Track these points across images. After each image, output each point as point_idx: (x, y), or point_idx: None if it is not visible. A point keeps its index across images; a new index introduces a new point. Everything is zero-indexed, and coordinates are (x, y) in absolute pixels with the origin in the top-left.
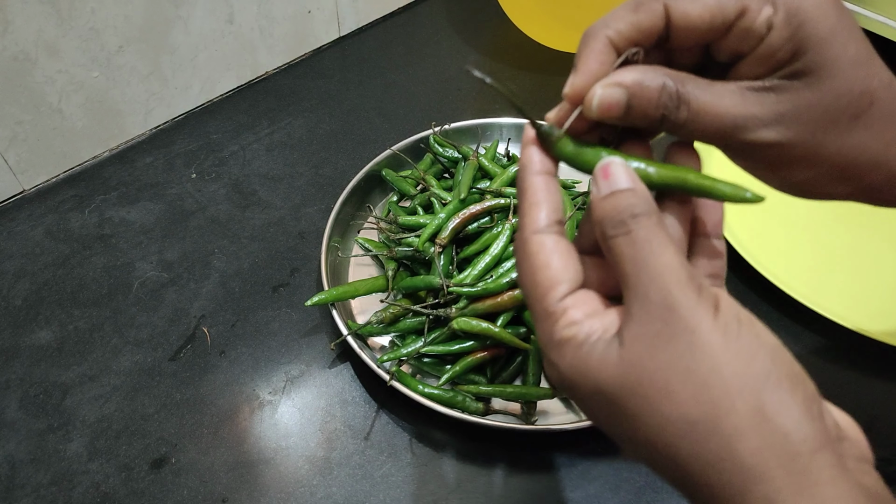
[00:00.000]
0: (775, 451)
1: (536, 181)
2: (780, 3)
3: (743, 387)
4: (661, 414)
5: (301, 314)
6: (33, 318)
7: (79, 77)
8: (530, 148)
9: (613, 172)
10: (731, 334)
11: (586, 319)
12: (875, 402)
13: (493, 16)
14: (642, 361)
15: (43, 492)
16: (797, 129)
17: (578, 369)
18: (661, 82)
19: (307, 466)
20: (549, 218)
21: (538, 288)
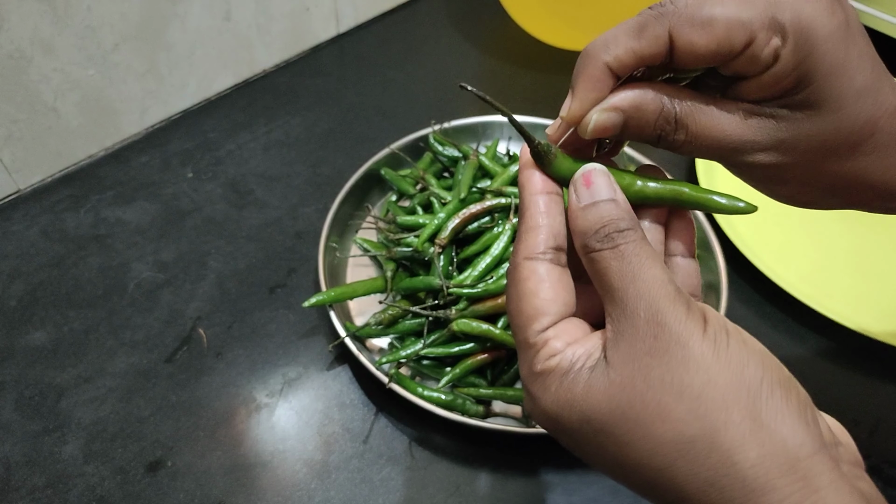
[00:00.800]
0: (775, 459)
1: (536, 202)
2: (791, 33)
3: (737, 397)
4: (654, 436)
5: (298, 315)
6: (28, 318)
7: (74, 75)
8: (527, 168)
9: (595, 181)
10: (721, 345)
11: (568, 348)
12: (880, 404)
13: (493, 13)
14: (633, 381)
15: (38, 494)
16: (794, 155)
17: (563, 400)
18: (658, 105)
19: (305, 470)
20: (545, 244)
21: (521, 316)
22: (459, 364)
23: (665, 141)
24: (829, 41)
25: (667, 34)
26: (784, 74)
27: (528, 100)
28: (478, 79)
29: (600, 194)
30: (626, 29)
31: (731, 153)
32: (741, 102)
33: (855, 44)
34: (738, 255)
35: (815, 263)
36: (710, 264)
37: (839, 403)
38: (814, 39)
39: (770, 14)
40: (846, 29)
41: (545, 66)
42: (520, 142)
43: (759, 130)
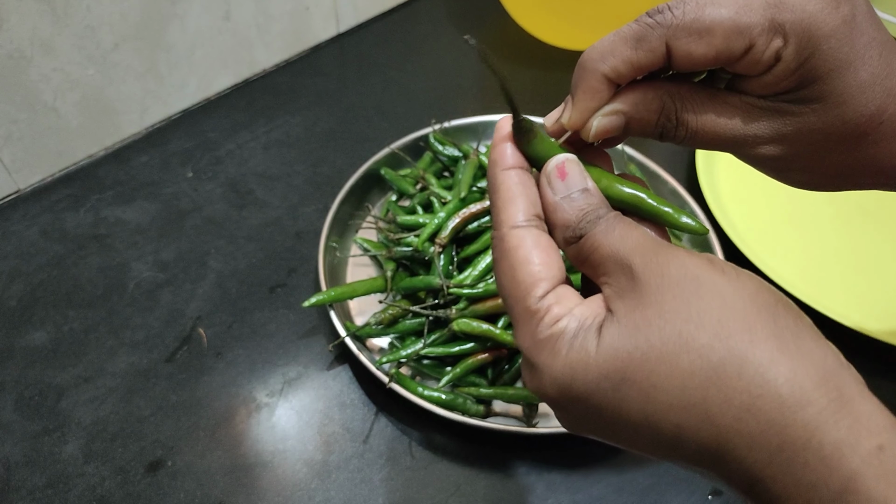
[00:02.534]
0: (807, 372)
1: (511, 176)
2: (792, 33)
3: (758, 317)
4: (681, 370)
5: (298, 315)
6: (28, 318)
7: (74, 75)
8: (503, 141)
9: (570, 172)
10: (731, 275)
11: (572, 311)
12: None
13: (493, 12)
14: (649, 321)
15: (38, 494)
16: (799, 147)
17: (576, 361)
18: (659, 104)
19: (305, 470)
20: (527, 213)
21: (519, 287)
22: (460, 364)
23: (667, 137)
24: (833, 38)
25: (664, 45)
26: (786, 74)
27: (528, 99)
28: (478, 78)
29: (576, 184)
30: (622, 38)
31: (735, 146)
32: (744, 96)
33: (861, 35)
34: (738, 254)
35: (815, 262)
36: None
37: None
38: (816, 38)
39: (770, 16)
40: (851, 22)
41: (545, 66)
42: None
43: (763, 125)
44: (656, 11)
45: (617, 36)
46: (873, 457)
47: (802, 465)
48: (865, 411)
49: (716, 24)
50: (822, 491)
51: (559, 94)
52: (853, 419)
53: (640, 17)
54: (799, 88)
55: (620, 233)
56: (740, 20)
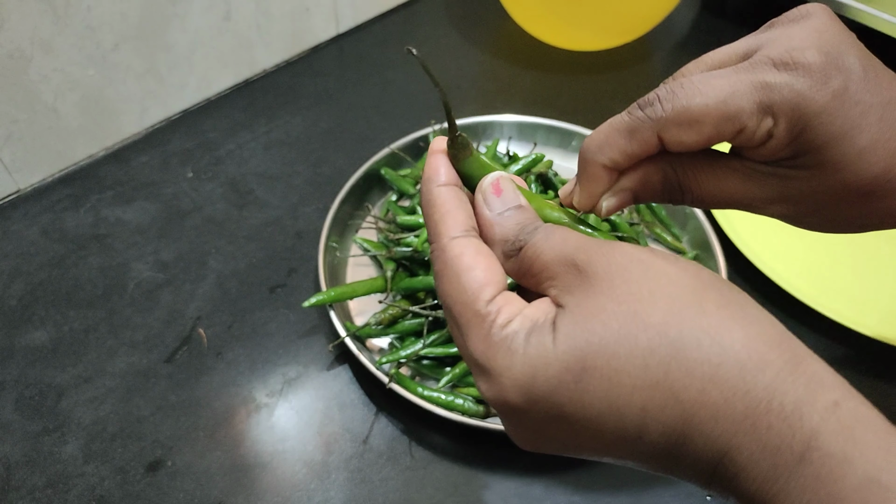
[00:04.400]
0: (761, 335)
1: (446, 192)
2: (781, 113)
3: (706, 290)
4: (640, 348)
5: (298, 315)
6: (28, 318)
7: (74, 75)
8: (438, 157)
9: (504, 189)
10: (671, 258)
11: (523, 310)
12: (880, 404)
13: (493, 13)
14: (601, 308)
15: (38, 494)
16: (806, 206)
17: (535, 357)
18: (661, 176)
19: (305, 470)
20: (465, 224)
21: (466, 292)
22: (459, 364)
23: (675, 202)
24: (824, 113)
25: (655, 136)
26: (780, 147)
27: (528, 100)
28: (478, 79)
29: (511, 201)
30: (616, 131)
31: (741, 207)
32: (745, 161)
33: (856, 105)
34: (738, 254)
35: (816, 263)
36: (710, 264)
37: None
38: (806, 115)
39: (758, 99)
40: (843, 95)
41: (545, 66)
42: (521, 142)
43: (766, 188)
44: (647, 104)
45: (611, 128)
46: (830, 413)
47: (766, 428)
48: (818, 370)
49: (704, 115)
50: (785, 454)
51: (559, 95)
52: (808, 377)
53: (632, 109)
54: (795, 157)
55: (561, 236)
56: (729, 108)
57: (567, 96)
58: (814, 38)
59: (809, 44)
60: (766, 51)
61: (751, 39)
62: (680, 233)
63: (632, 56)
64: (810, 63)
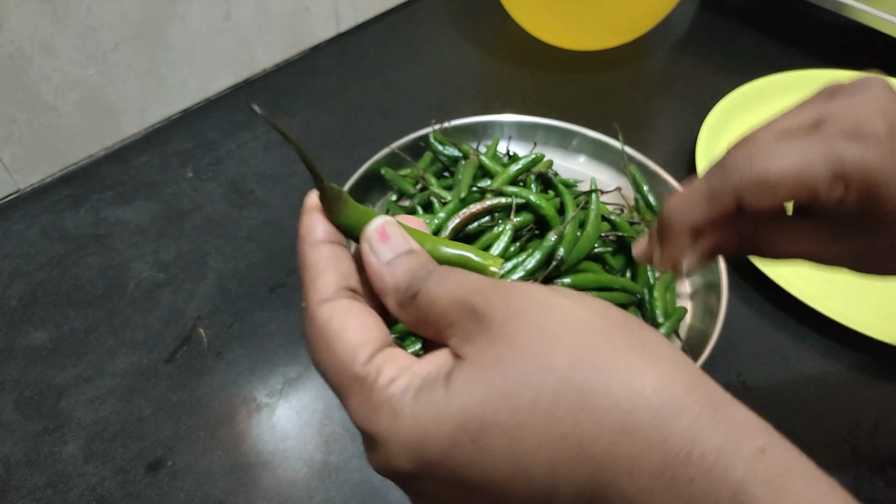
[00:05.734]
0: (675, 378)
1: (320, 250)
2: (853, 182)
3: (613, 331)
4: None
5: (299, 315)
6: (28, 318)
7: (74, 75)
8: (310, 214)
9: (391, 234)
10: (575, 297)
11: (410, 367)
12: (880, 404)
13: (493, 12)
14: (501, 357)
15: (38, 494)
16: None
17: (425, 417)
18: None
19: (305, 470)
20: (336, 284)
21: (339, 358)
22: None
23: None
24: (893, 180)
25: (734, 200)
26: (849, 213)
27: (528, 100)
28: (478, 79)
29: (400, 245)
30: (698, 196)
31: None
32: (817, 221)
33: None
34: None
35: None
36: (710, 264)
37: (840, 404)
38: (878, 184)
39: (832, 167)
40: None
41: (545, 66)
42: (520, 142)
43: (834, 245)
44: (725, 170)
45: (692, 193)
46: (756, 461)
47: (688, 482)
48: (739, 414)
49: (780, 181)
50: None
51: (559, 95)
52: (729, 422)
53: (710, 176)
54: (864, 219)
55: (456, 279)
56: (804, 176)
57: (567, 96)
58: (878, 108)
59: (875, 114)
60: (836, 121)
61: (817, 108)
62: None
63: (632, 55)
64: (878, 133)
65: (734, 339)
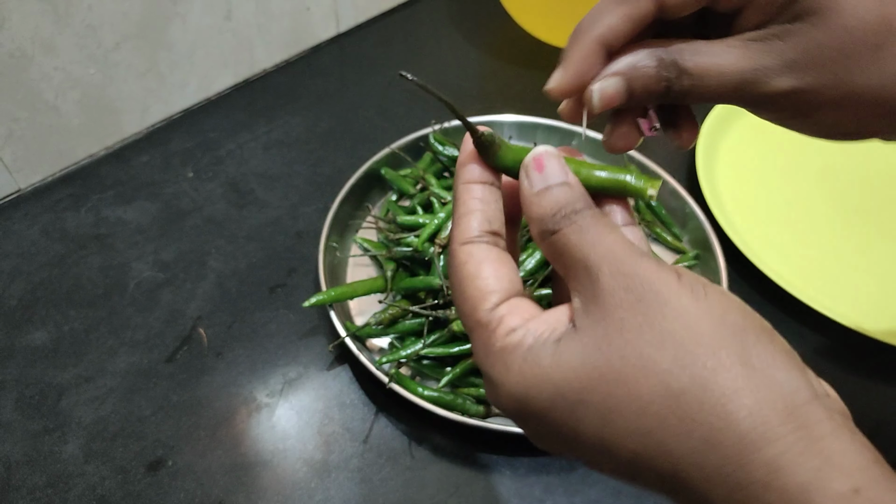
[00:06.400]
0: (773, 405)
1: (470, 188)
2: None
3: (724, 341)
4: (640, 394)
5: (299, 315)
6: (29, 318)
7: (75, 74)
8: (465, 153)
9: (547, 164)
10: (699, 293)
11: (528, 322)
12: (881, 406)
13: (493, 12)
14: (609, 339)
15: (38, 494)
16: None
17: (531, 376)
18: (655, 58)
19: (305, 469)
20: (480, 227)
21: (469, 300)
22: (459, 364)
23: (674, 92)
24: None
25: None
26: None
27: (528, 100)
28: (478, 79)
29: (554, 178)
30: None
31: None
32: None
33: None
34: (738, 255)
35: (816, 263)
36: (710, 264)
37: None
38: None
39: None
40: None
41: (545, 66)
42: (521, 141)
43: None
44: None
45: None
46: (847, 501)
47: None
48: (838, 450)
49: None
50: None
51: None
52: (823, 459)
53: None
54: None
55: (593, 237)
56: None
57: None
58: None
59: None
60: None
61: None
62: (680, 232)
63: None
64: None
65: None
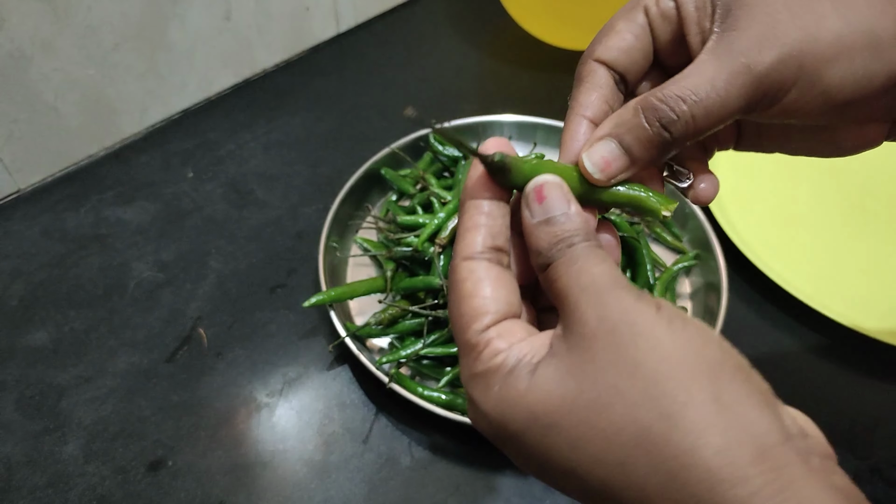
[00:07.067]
0: (743, 446)
1: (477, 203)
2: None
3: (697, 377)
4: (609, 425)
5: (299, 315)
6: (29, 318)
7: (74, 75)
8: (474, 172)
9: (549, 195)
10: (676, 326)
11: (512, 347)
12: (880, 403)
13: (493, 12)
14: (582, 368)
15: (39, 494)
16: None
17: (507, 399)
18: (632, 106)
19: (305, 470)
20: (483, 243)
21: (461, 319)
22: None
23: (675, 129)
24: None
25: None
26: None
27: (528, 100)
28: (478, 78)
29: (553, 209)
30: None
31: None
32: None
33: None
34: (738, 255)
35: (816, 263)
36: (710, 264)
37: (839, 402)
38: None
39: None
40: None
41: (545, 66)
42: (520, 142)
43: (729, 46)
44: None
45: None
46: None
47: None
48: (808, 496)
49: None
50: None
51: (559, 95)
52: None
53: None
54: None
55: (580, 268)
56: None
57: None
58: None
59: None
60: None
61: None
62: (680, 232)
63: None
64: None
65: (734, 339)
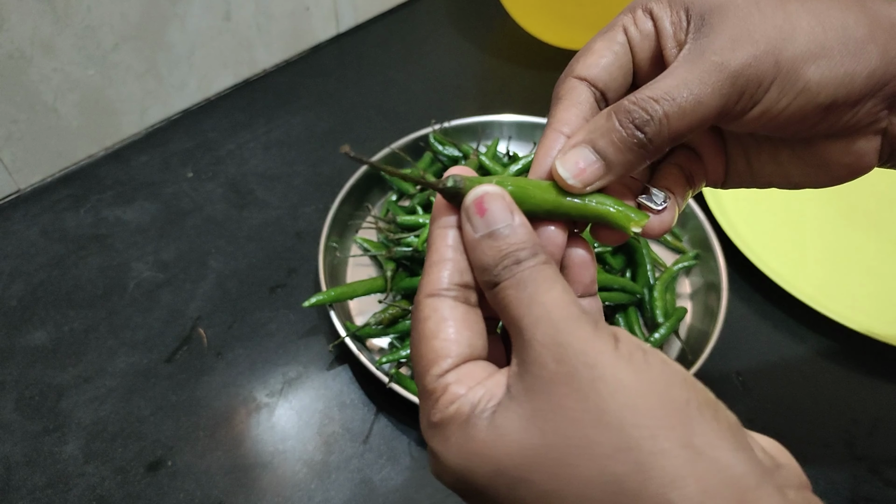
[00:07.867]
0: (719, 494)
1: (444, 234)
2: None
3: (666, 421)
4: (581, 478)
5: (299, 315)
6: (28, 318)
7: (74, 75)
8: (440, 202)
9: (490, 207)
10: (638, 364)
11: (469, 391)
12: (879, 404)
13: (493, 12)
14: (544, 415)
15: (38, 494)
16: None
17: (468, 452)
18: (606, 111)
19: (305, 470)
20: (449, 279)
21: (421, 361)
22: None
23: (654, 144)
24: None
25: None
26: (673, 24)
27: (528, 100)
28: (478, 78)
29: (496, 222)
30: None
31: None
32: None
33: None
34: (738, 255)
35: (816, 263)
36: (710, 264)
37: (839, 403)
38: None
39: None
40: None
41: (545, 66)
42: (520, 142)
43: (698, 66)
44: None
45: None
46: None
47: None
48: None
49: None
50: None
51: None
52: None
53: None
54: (691, 20)
55: (530, 296)
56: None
57: None
58: None
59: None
60: None
61: None
62: (680, 232)
63: None
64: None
65: (734, 339)
